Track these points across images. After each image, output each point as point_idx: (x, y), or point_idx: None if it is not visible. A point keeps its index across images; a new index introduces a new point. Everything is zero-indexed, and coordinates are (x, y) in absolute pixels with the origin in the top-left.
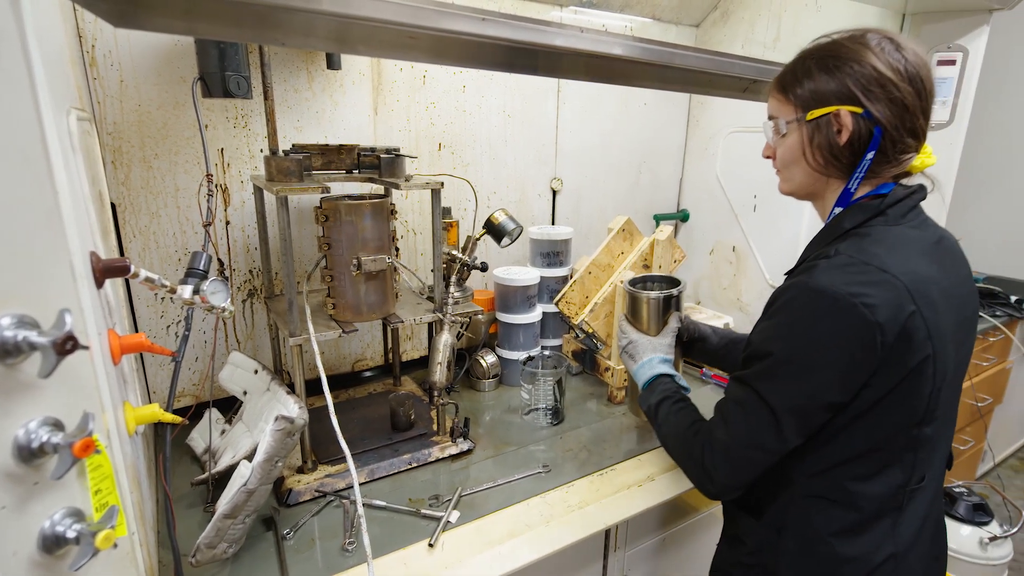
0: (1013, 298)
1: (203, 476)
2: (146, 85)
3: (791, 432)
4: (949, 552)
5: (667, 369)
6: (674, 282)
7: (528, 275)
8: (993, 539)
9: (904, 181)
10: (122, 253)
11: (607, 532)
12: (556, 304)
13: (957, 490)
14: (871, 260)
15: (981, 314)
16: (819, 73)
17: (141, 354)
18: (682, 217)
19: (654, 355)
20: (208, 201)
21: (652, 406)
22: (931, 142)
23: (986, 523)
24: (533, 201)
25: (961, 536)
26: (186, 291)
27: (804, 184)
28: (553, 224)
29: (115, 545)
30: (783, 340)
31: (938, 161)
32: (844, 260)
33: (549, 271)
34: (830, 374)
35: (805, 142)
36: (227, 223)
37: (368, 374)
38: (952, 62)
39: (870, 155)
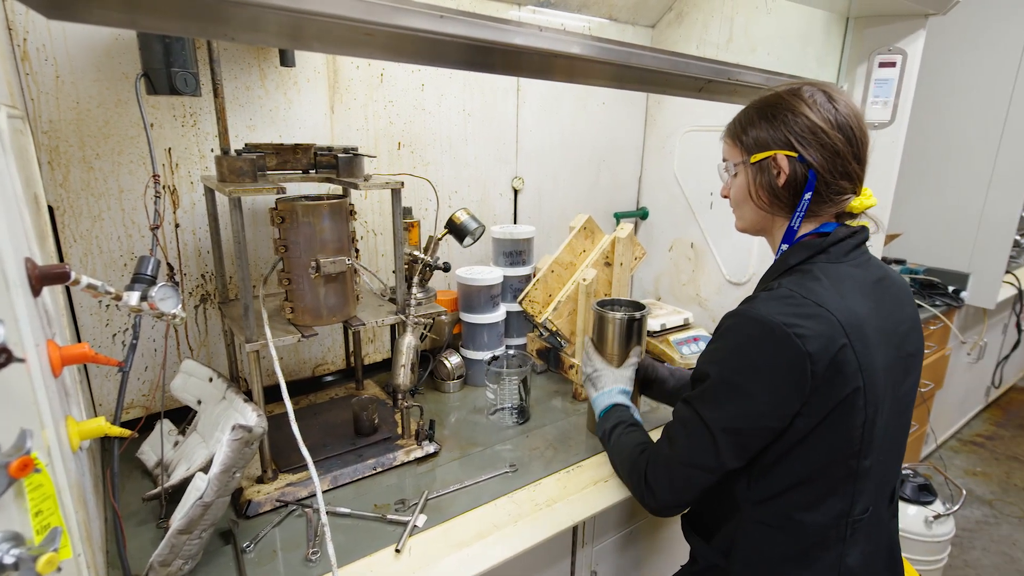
0: (951, 288)
1: (155, 491)
2: (85, 81)
3: (727, 453)
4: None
5: (625, 400)
6: (639, 306)
7: (491, 275)
8: (937, 517)
9: (849, 222)
10: (61, 259)
11: (575, 528)
12: (520, 303)
13: (904, 472)
14: (808, 295)
15: (921, 303)
16: (760, 122)
17: (85, 365)
18: (641, 215)
19: (615, 386)
20: (155, 203)
21: (607, 431)
22: (873, 140)
23: (930, 502)
24: (495, 200)
25: (908, 516)
26: (133, 298)
27: (754, 221)
28: (515, 223)
29: (59, 569)
30: (721, 364)
31: (878, 158)
32: (784, 293)
33: (512, 270)
34: (763, 398)
35: (750, 182)
36: (176, 226)
37: (330, 379)
38: (892, 64)
39: (807, 195)
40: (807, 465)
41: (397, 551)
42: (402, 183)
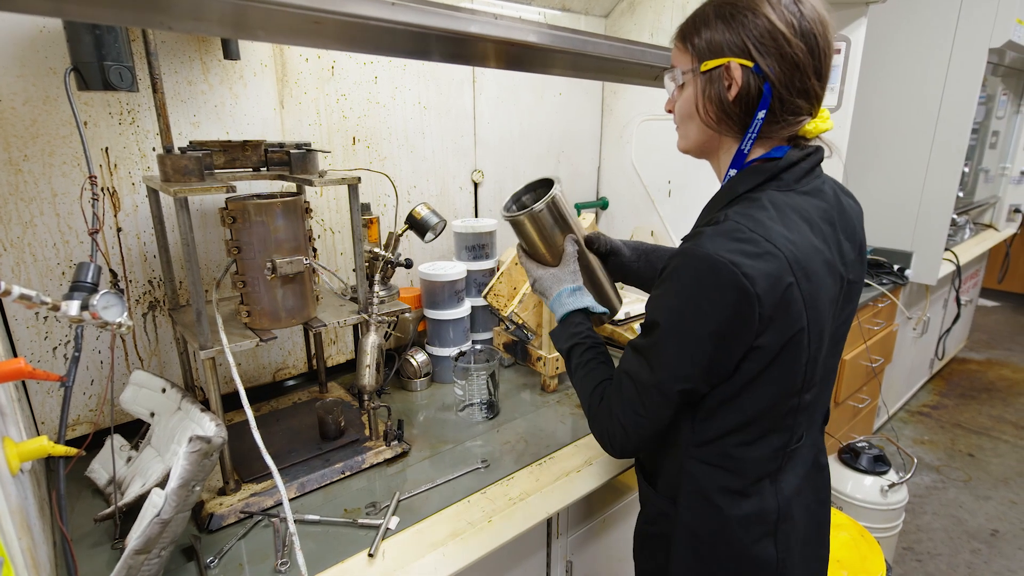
0: (896, 267)
1: (108, 510)
2: (7, 77)
3: (676, 399)
4: (856, 501)
5: (575, 303)
6: (547, 183)
7: (454, 269)
8: (892, 486)
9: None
10: None
11: (549, 520)
12: (485, 297)
13: (859, 444)
14: (756, 228)
15: (870, 282)
16: (716, 21)
17: (23, 382)
18: (601, 205)
19: (560, 288)
20: (93, 206)
21: (564, 351)
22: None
23: (885, 472)
24: (455, 194)
25: (865, 486)
26: (72, 307)
27: (699, 141)
28: (476, 216)
29: None
30: (668, 310)
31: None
32: (731, 227)
33: (475, 264)
34: (711, 341)
35: (698, 94)
36: (119, 230)
37: (292, 383)
38: (837, 51)
39: (761, 114)
40: (752, 406)
41: (371, 555)
42: (359, 178)
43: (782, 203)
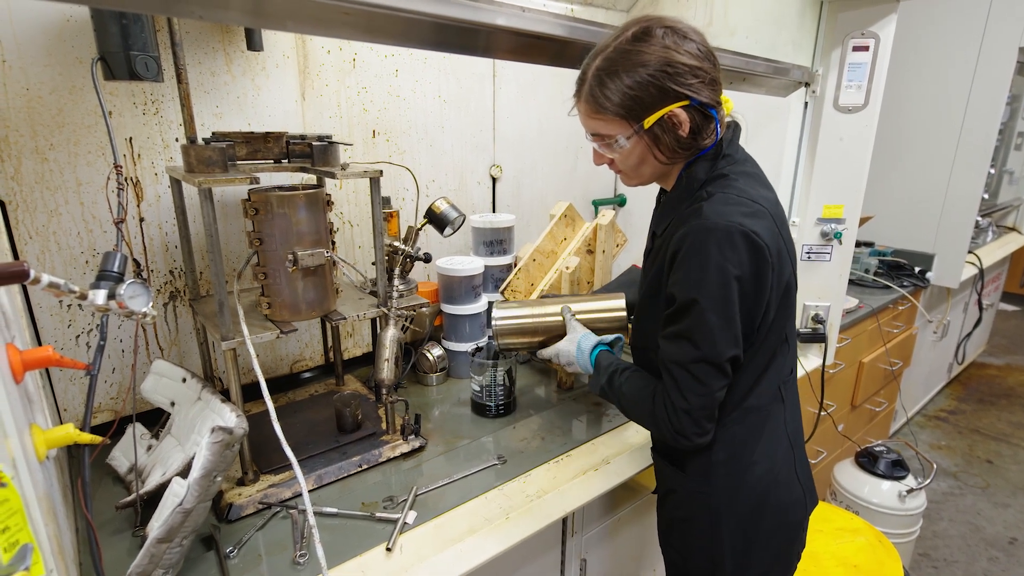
0: (917, 269)
1: (130, 498)
2: (35, 67)
3: (728, 368)
4: (873, 506)
5: (590, 343)
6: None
7: (472, 264)
8: (910, 491)
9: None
10: (16, 257)
11: (564, 519)
12: (502, 293)
13: (877, 448)
14: (742, 194)
15: (890, 284)
16: (634, 84)
17: (47, 369)
18: (619, 202)
19: (576, 342)
20: (119, 195)
21: (603, 387)
22: (847, 123)
23: (903, 477)
24: (473, 189)
25: (882, 491)
26: (99, 296)
27: (654, 175)
28: (494, 211)
29: None
30: (699, 285)
31: (852, 142)
32: (723, 198)
33: (493, 260)
34: (745, 301)
35: (651, 146)
36: (141, 220)
37: (308, 375)
38: (866, 48)
39: (720, 128)
40: (764, 356)
41: (388, 549)
42: (380, 171)
43: (744, 173)
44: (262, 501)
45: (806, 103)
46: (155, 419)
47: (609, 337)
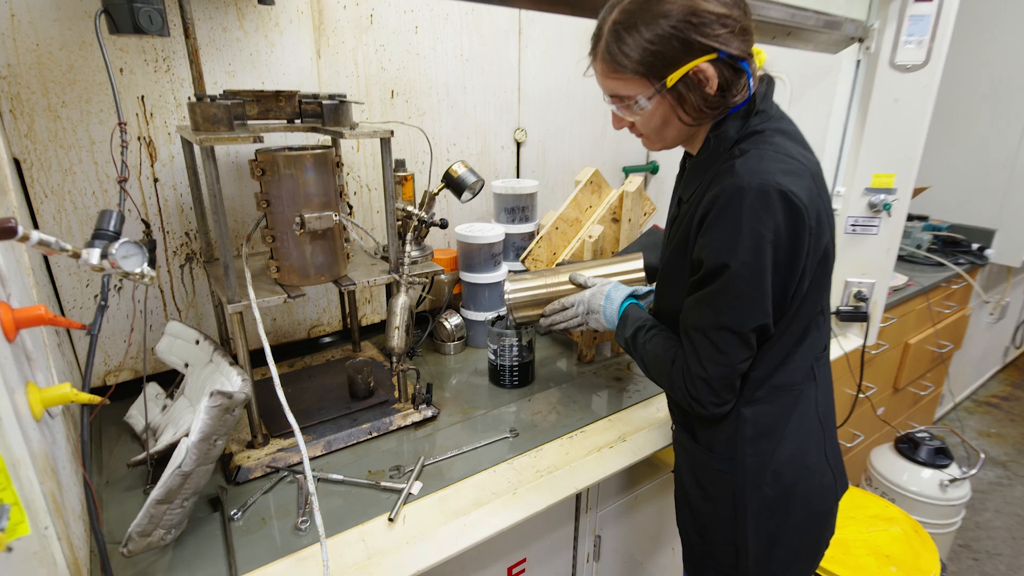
0: (975, 246)
1: (140, 456)
2: (44, 21)
3: (752, 339)
4: (910, 494)
5: (622, 294)
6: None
7: (492, 232)
8: (953, 481)
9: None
10: (33, 215)
11: (578, 494)
12: (522, 262)
13: (919, 435)
14: (779, 150)
15: (943, 261)
16: (655, 38)
17: (68, 329)
18: (651, 169)
19: (606, 292)
20: (123, 154)
21: (627, 340)
22: (904, 84)
23: (946, 465)
24: (496, 153)
25: (922, 479)
26: (93, 255)
27: (678, 138)
28: (518, 177)
29: (9, 549)
30: (729, 249)
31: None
32: (758, 154)
33: (514, 227)
34: (780, 268)
35: (674, 106)
36: (155, 180)
37: (328, 340)
38: None
39: (754, 87)
40: (797, 330)
41: (390, 520)
42: (391, 131)
43: (776, 129)
44: (270, 465)
45: (858, 61)
46: (172, 379)
47: (643, 289)
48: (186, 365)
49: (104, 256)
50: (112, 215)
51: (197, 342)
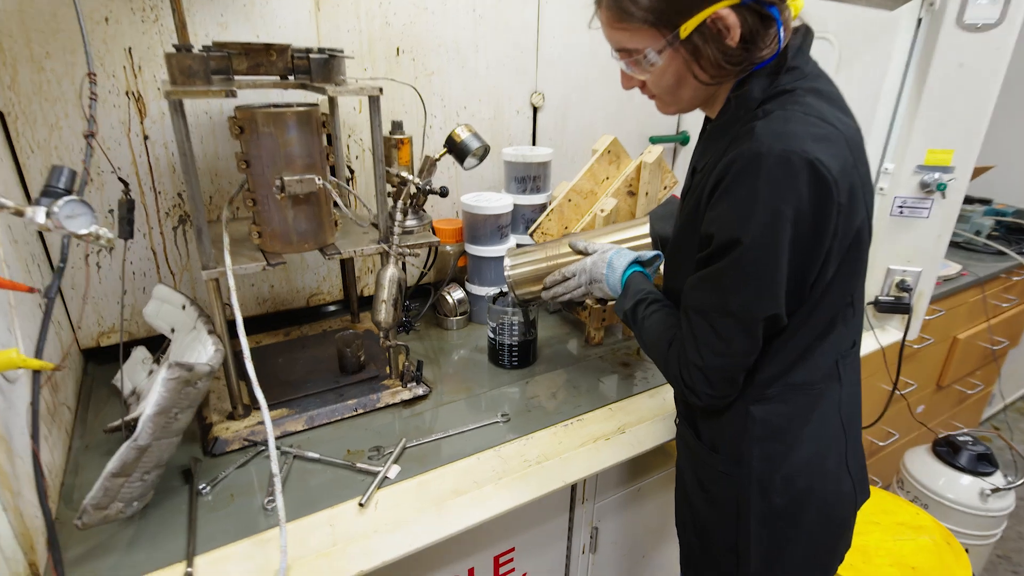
0: None
1: (116, 423)
2: None
3: (759, 329)
4: (946, 502)
5: (625, 260)
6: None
7: (499, 202)
8: (995, 491)
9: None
10: (19, 170)
11: (573, 485)
12: (531, 235)
13: (960, 438)
14: (810, 112)
15: (1006, 250)
16: None
17: (60, 291)
18: (682, 140)
19: (608, 258)
20: (91, 107)
21: (627, 313)
22: (972, 46)
23: (989, 474)
24: (511, 118)
25: (960, 486)
26: (39, 214)
27: (696, 99)
28: (534, 144)
29: None
30: (742, 223)
31: (975, 70)
32: (784, 115)
33: (524, 198)
34: (800, 250)
35: (689, 61)
36: (145, 138)
37: (331, 308)
38: None
39: (785, 39)
40: (820, 322)
41: (361, 505)
42: (380, 88)
43: (811, 88)
44: (247, 438)
45: (919, 19)
46: (160, 343)
47: (648, 254)
48: (172, 330)
49: (49, 215)
50: (63, 172)
51: (184, 307)
